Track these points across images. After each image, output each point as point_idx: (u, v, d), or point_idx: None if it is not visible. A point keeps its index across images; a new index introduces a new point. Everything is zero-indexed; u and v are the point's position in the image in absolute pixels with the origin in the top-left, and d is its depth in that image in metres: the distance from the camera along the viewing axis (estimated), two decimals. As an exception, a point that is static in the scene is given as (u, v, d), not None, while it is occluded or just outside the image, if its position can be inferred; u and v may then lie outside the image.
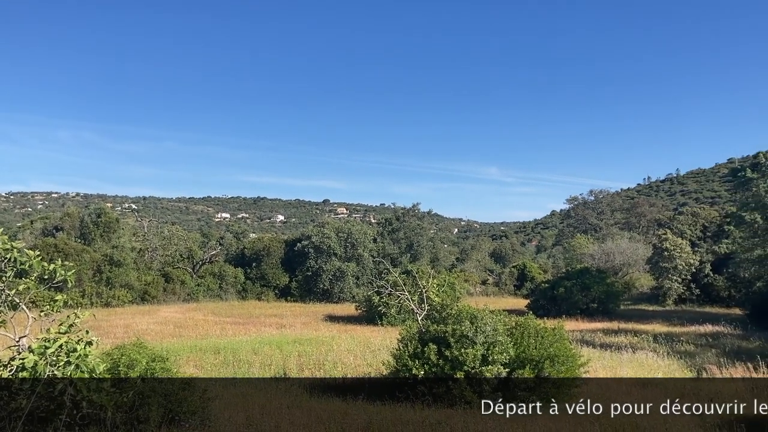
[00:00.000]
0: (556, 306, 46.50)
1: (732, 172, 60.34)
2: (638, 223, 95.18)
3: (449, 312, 17.48)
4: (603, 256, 68.53)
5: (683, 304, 54.49)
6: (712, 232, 58.83)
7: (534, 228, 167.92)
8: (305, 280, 61.51)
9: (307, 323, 38.85)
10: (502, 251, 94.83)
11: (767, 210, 33.75)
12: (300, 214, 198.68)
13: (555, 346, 16.47)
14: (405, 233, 67.91)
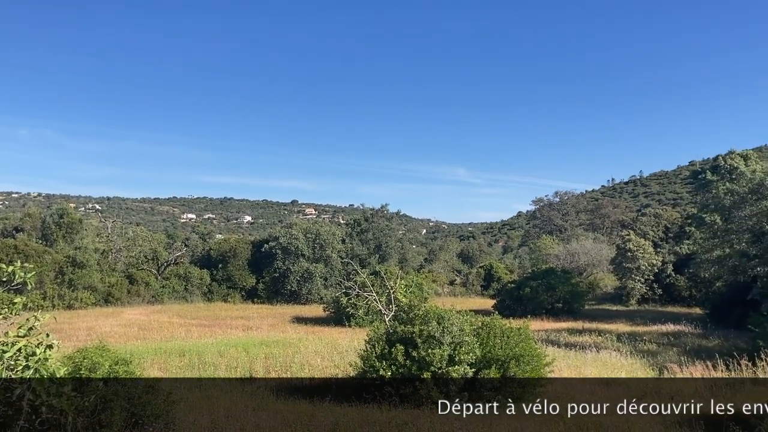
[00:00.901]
0: (522, 306, 46.99)
1: (693, 175, 61.79)
2: (602, 224, 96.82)
3: (417, 313, 17.54)
4: (568, 256, 69.56)
5: (646, 303, 55.53)
6: (674, 233, 60.07)
7: (501, 229, 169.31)
8: (272, 281, 61.13)
9: (275, 325, 38.60)
10: (469, 252, 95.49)
11: (726, 211, 34.58)
12: (268, 214, 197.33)
13: (520, 346, 16.66)
14: (374, 234, 67.98)
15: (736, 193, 33.86)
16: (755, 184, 32.88)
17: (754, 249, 33.67)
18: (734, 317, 36.19)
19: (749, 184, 33.57)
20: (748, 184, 33.66)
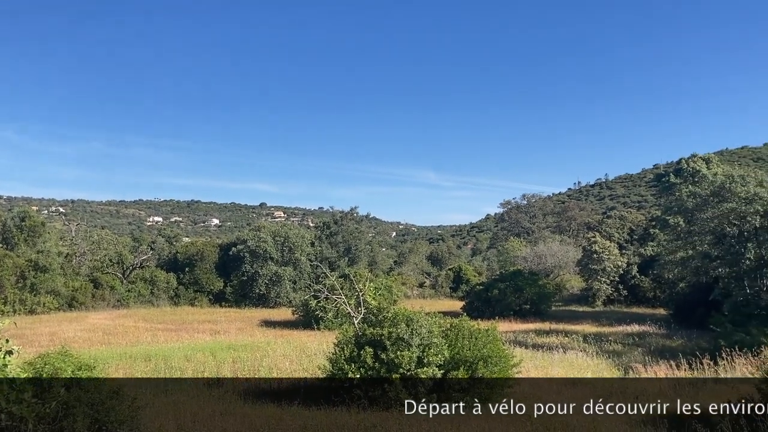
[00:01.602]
0: (490, 307, 47.33)
1: (657, 178, 63.12)
2: (569, 226, 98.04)
3: (386, 315, 17.55)
4: (535, 258, 70.27)
5: (612, 304, 56.37)
6: (639, 235, 61.11)
7: (470, 231, 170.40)
8: (240, 285, 60.60)
9: (243, 329, 38.28)
10: (438, 254, 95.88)
11: (689, 214, 35.27)
12: (236, 217, 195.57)
13: (488, 347, 16.78)
14: (343, 237, 67.85)
15: (699, 195, 34.58)
16: (716, 187, 33.61)
17: (715, 250, 34.40)
18: (697, 317, 36.95)
19: (711, 187, 34.32)
20: (710, 187, 34.40)
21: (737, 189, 32.04)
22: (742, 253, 32.50)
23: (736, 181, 32.63)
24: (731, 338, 25.59)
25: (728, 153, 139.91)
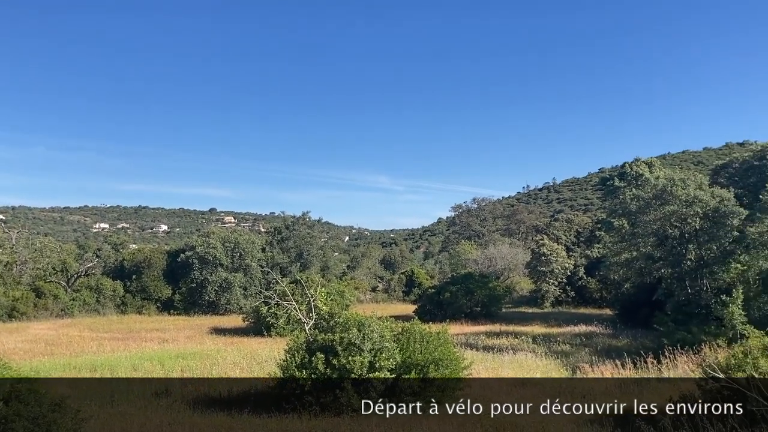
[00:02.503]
0: (442, 310, 47.68)
1: (602, 181, 64.87)
2: (518, 229, 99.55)
3: (337, 320, 17.50)
4: (486, 261, 71.15)
5: (560, 305, 57.53)
6: (585, 238, 62.56)
7: (422, 235, 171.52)
8: (189, 292, 59.54)
9: (192, 337, 37.62)
10: (391, 258, 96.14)
11: (633, 216, 36.23)
12: (185, 223, 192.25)
13: (440, 350, 16.90)
14: (295, 242, 67.36)
15: (642, 198, 35.54)
16: (659, 190, 34.62)
17: (658, 252, 35.43)
18: (642, 317, 38.00)
19: (653, 190, 35.31)
20: (653, 190, 35.40)
21: (678, 192, 33.08)
22: (683, 254, 33.59)
23: (677, 184, 33.68)
24: (674, 337, 26.44)
25: (670, 157, 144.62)
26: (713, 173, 47.39)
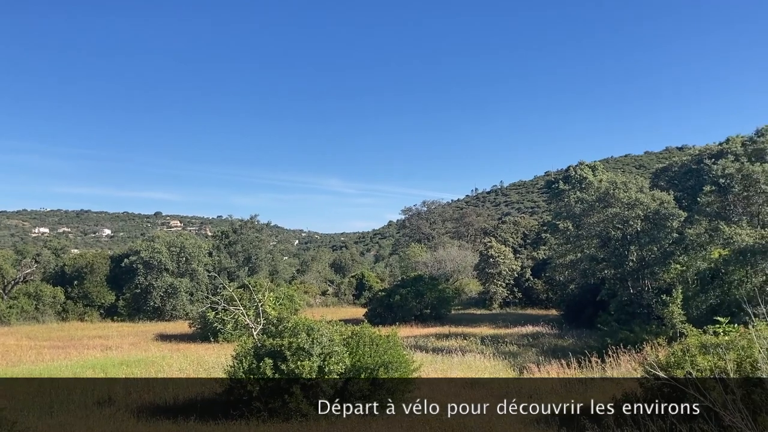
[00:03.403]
0: (392, 313, 47.81)
1: (548, 185, 66.26)
2: (467, 231, 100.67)
3: (286, 325, 17.34)
4: (435, 263, 71.73)
5: (508, 306, 58.40)
6: (532, 240, 63.68)
7: (373, 238, 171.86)
8: (134, 297, 58.14)
9: (136, 343, 36.73)
10: (342, 261, 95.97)
11: (577, 219, 37.06)
12: (129, 227, 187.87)
13: (389, 353, 16.90)
14: (243, 246, 66.48)
15: (585, 201, 36.41)
16: (602, 193, 35.53)
17: (601, 253, 36.31)
18: (586, 317, 38.89)
19: (596, 193, 36.23)
20: (596, 193, 36.32)
21: (620, 195, 33.99)
22: (625, 255, 34.52)
23: (619, 187, 34.60)
24: (617, 336, 27.11)
25: (613, 161, 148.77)
26: (654, 176, 48.89)
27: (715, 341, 14.27)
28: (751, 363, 12.75)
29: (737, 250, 27.61)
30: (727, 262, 28.54)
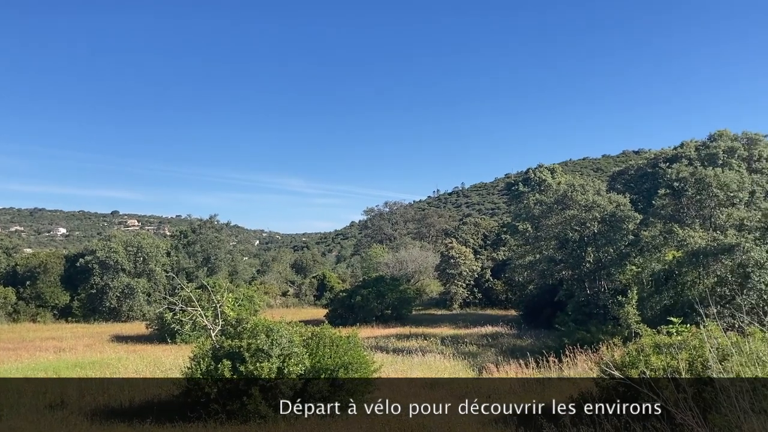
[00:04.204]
0: (353, 314, 47.77)
1: (508, 186, 67.05)
2: (428, 232, 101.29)
3: (245, 326, 17.14)
4: (397, 264, 71.91)
5: (468, 307, 58.89)
6: (492, 241, 64.34)
7: (335, 238, 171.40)
8: (89, 298, 56.90)
9: (91, 345, 35.95)
10: (303, 262, 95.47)
11: (536, 220, 37.58)
12: (85, 226, 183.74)
13: (349, 354, 16.86)
14: (202, 246, 65.63)
15: (544, 203, 36.95)
16: (560, 196, 36.10)
17: (559, 254, 36.89)
18: (544, 317, 39.43)
19: (555, 195, 36.80)
20: (554, 195, 36.88)
21: (578, 197, 34.59)
22: (582, 256, 35.13)
23: (577, 189, 35.21)
24: (574, 336, 27.52)
25: (571, 163, 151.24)
26: (611, 179, 49.86)
27: (669, 341, 14.59)
28: (702, 362, 13.08)
29: (690, 252, 28.30)
30: (680, 263, 29.23)
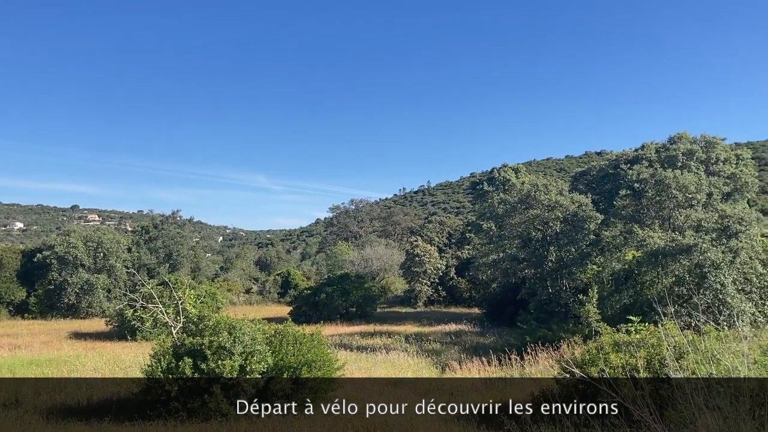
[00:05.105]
0: (317, 312, 47.60)
1: (473, 186, 67.54)
2: (394, 230, 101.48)
3: (207, 324, 16.93)
4: (362, 262, 71.89)
5: (432, 305, 59.14)
6: (457, 239, 64.72)
7: (300, 236, 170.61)
8: (47, 294, 55.61)
9: (48, 342, 35.11)
10: (267, 259, 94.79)
11: (500, 219, 37.90)
12: (43, 221, 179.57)
13: (313, 352, 16.79)
14: (164, 242, 64.66)
15: (508, 202, 37.29)
16: (524, 195, 36.48)
17: (523, 253, 37.28)
18: (507, 315, 39.83)
19: (519, 195, 37.17)
20: (518, 195, 37.25)
21: (541, 197, 34.99)
22: (545, 255, 35.56)
23: (540, 189, 35.60)
24: (536, 334, 27.88)
25: (535, 164, 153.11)
26: (573, 180, 50.51)
27: (628, 339, 14.87)
28: (659, 360, 13.37)
29: (649, 252, 28.87)
30: (640, 263, 29.80)
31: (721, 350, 11.74)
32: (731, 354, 11.36)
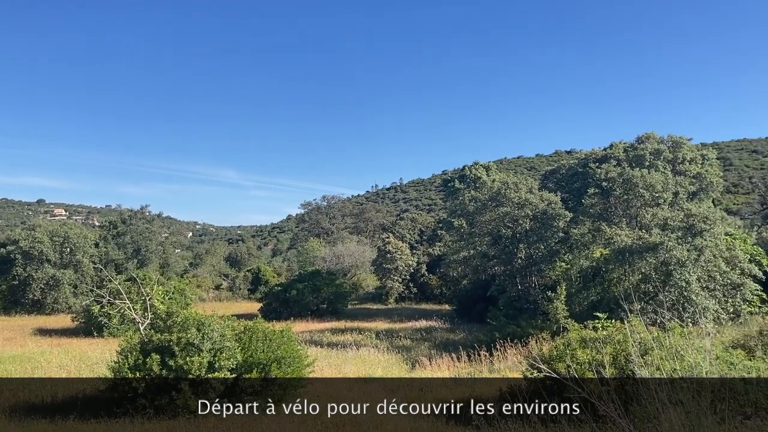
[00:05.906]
0: (288, 308, 47.39)
1: (444, 183, 67.85)
2: (366, 227, 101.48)
3: (175, 320, 16.77)
4: (334, 258, 71.76)
5: (403, 301, 59.30)
6: (428, 236, 64.94)
7: (271, 232, 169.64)
8: (11, 290, 54.50)
9: (11, 339, 34.46)
10: (238, 255, 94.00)
11: (471, 217, 38.13)
12: (8, 215, 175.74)
13: (282, 349, 16.73)
14: (132, 237, 63.77)
15: (479, 200, 37.53)
16: (494, 193, 36.73)
17: (492, 250, 37.56)
18: (477, 312, 40.12)
19: (489, 193, 37.42)
20: (489, 193, 37.50)
21: (511, 195, 35.27)
22: (514, 252, 35.89)
23: (510, 187, 35.89)
24: (505, 330, 28.15)
25: (506, 162, 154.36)
26: (543, 178, 50.98)
27: (594, 336, 15.10)
28: (625, 356, 13.59)
29: (617, 249, 29.31)
30: (607, 261, 30.25)
31: (685, 346, 11.99)
32: (695, 350, 11.61)
